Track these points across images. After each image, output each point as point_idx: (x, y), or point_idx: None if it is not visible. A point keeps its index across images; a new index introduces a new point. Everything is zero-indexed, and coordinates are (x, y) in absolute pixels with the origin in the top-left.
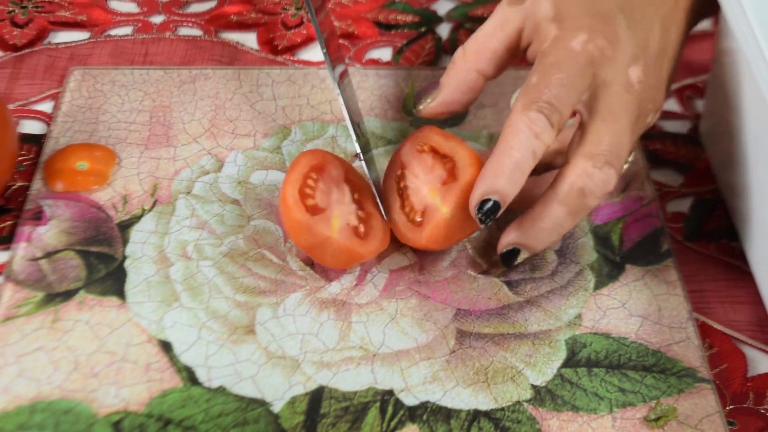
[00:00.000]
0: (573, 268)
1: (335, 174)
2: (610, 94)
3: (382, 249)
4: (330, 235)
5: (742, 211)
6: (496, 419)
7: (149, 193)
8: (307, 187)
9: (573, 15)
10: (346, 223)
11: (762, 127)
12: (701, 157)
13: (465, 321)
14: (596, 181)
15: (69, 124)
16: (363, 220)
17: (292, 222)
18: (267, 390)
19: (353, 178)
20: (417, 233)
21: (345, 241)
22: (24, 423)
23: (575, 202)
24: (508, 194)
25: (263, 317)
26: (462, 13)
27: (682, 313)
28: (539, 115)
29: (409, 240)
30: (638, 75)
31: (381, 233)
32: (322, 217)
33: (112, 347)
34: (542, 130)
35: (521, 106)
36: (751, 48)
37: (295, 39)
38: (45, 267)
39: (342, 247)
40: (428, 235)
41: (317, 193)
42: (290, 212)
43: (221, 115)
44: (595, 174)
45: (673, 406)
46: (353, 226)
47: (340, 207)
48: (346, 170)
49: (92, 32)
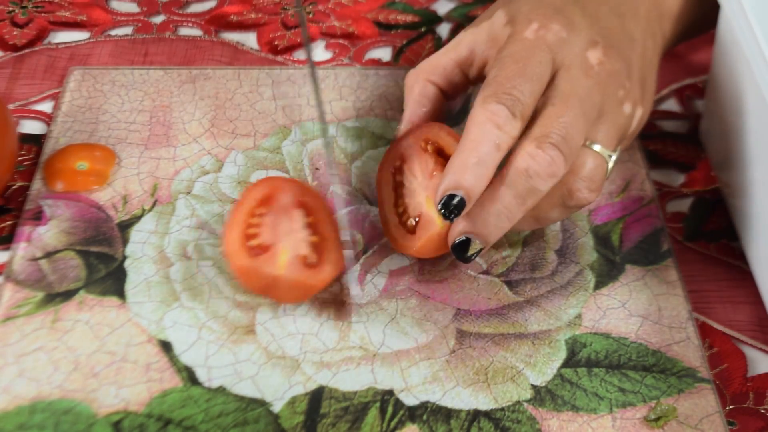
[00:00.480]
0: (573, 268)
1: (286, 201)
2: (566, 78)
3: (336, 273)
4: (278, 273)
5: (742, 211)
6: (496, 419)
7: (149, 193)
8: (252, 226)
9: (524, 12)
10: (295, 255)
11: (762, 127)
12: (701, 157)
13: (465, 321)
14: (540, 161)
15: (69, 124)
16: (315, 245)
17: (237, 269)
18: (267, 390)
19: (308, 199)
20: (408, 241)
21: (295, 276)
22: (24, 423)
23: (520, 185)
24: (473, 189)
25: (263, 317)
26: (462, 13)
27: (682, 313)
28: (500, 106)
29: (398, 244)
30: (598, 57)
31: (334, 256)
32: (268, 256)
33: (112, 347)
34: (504, 121)
35: (481, 100)
36: (751, 48)
37: (295, 39)
38: (45, 267)
39: (293, 283)
40: (420, 247)
41: (263, 229)
42: (233, 259)
43: (221, 115)
44: (539, 155)
45: (673, 406)
46: (302, 256)
47: (289, 238)
48: (301, 192)
49: (92, 32)
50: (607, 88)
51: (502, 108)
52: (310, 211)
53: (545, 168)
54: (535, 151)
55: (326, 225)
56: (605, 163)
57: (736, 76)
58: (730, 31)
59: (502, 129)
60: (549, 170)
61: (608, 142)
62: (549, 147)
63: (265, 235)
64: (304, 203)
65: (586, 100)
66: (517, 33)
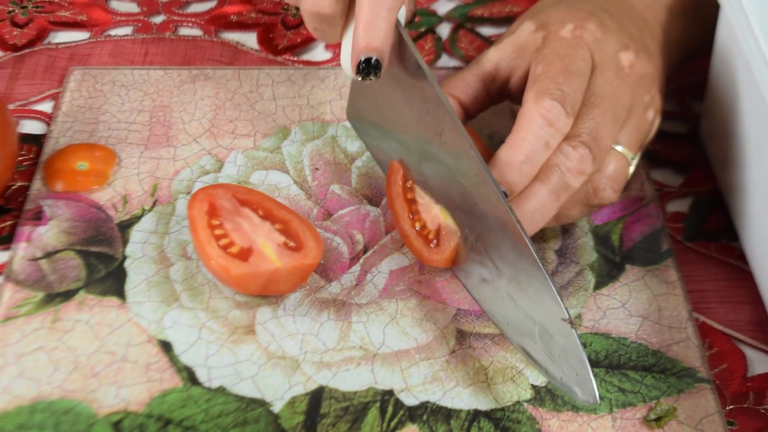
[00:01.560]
0: (573, 268)
1: (229, 205)
2: (600, 79)
3: (321, 247)
4: (274, 266)
5: (742, 211)
6: (496, 419)
7: (149, 193)
8: (220, 237)
9: (556, 18)
10: (277, 245)
11: (762, 127)
12: (701, 157)
13: (465, 321)
14: (571, 158)
15: (69, 124)
16: (284, 231)
17: (236, 278)
18: (267, 390)
19: (245, 196)
20: (435, 254)
21: (291, 263)
22: (24, 423)
23: (555, 181)
24: (517, 185)
25: (263, 317)
26: (462, 13)
27: (682, 313)
28: (553, 102)
29: (424, 258)
30: (630, 59)
31: (309, 232)
32: (256, 256)
33: (112, 347)
34: (556, 117)
35: (533, 95)
36: (751, 48)
37: (295, 39)
38: (45, 267)
39: (291, 270)
40: (448, 257)
41: (232, 235)
42: (228, 271)
43: (221, 115)
44: (570, 152)
45: (673, 406)
46: (283, 243)
47: (260, 233)
48: (232, 193)
49: (92, 32)
50: (636, 91)
51: (555, 104)
52: (256, 204)
53: (576, 165)
54: (567, 149)
55: (278, 210)
56: (628, 164)
57: (736, 76)
58: (730, 31)
59: (554, 126)
60: (579, 167)
61: (631, 144)
62: (580, 145)
63: (237, 241)
64: (245, 201)
65: (617, 102)
66: (553, 33)
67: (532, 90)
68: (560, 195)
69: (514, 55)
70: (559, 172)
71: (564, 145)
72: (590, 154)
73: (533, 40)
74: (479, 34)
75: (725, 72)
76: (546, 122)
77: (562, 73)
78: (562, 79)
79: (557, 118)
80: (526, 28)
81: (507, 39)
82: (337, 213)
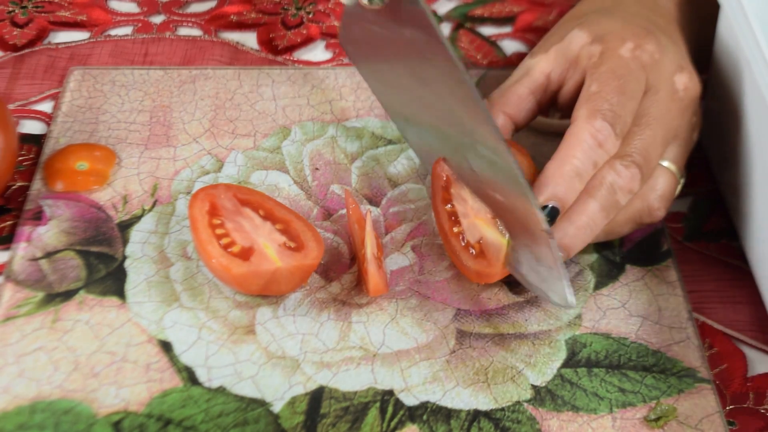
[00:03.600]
0: (573, 268)
1: (230, 205)
2: (654, 100)
3: (322, 247)
4: (276, 266)
5: (742, 211)
6: (496, 419)
7: (149, 193)
8: (221, 237)
9: (613, 31)
10: (278, 245)
11: (762, 127)
12: (701, 157)
13: (465, 321)
14: (623, 177)
15: (69, 124)
16: (285, 231)
17: (237, 277)
18: (267, 390)
19: (245, 197)
20: (485, 267)
21: (292, 263)
22: (24, 423)
23: (606, 198)
24: (567, 201)
25: (263, 317)
26: (462, 13)
27: (682, 313)
28: (604, 123)
29: (472, 273)
30: (685, 81)
31: (310, 232)
32: (258, 256)
33: (112, 347)
34: (606, 138)
35: (586, 114)
36: (751, 48)
37: (295, 39)
38: (45, 267)
39: (292, 270)
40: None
41: (233, 235)
42: (230, 271)
43: (221, 115)
44: (622, 171)
45: (673, 406)
46: (284, 244)
47: (261, 233)
48: (233, 193)
49: (92, 32)
50: (686, 112)
51: (606, 126)
52: (256, 204)
53: (627, 183)
54: (619, 168)
55: (279, 210)
56: (677, 183)
57: (736, 76)
58: (730, 31)
59: (603, 147)
60: (630, 186)
61: (679, 162)
62: (632, 165)
63: (238, 240)
64: (246, 201)
65: (668, 124)
66: (611, 50)
67: (585, 108)
68: (610, 211)
69: (566, 66)
70: (611, 189)
71: (616, 163)
72: (640, 174)
73: (588, 53)
74: (479, 34)
75: (725, 72)
76: (596, 143)
77: (616, 94)
78: (615, 100)
79: (606, 139)
80: (580, 39)
81: (556, 47)
82: (337, 213)
